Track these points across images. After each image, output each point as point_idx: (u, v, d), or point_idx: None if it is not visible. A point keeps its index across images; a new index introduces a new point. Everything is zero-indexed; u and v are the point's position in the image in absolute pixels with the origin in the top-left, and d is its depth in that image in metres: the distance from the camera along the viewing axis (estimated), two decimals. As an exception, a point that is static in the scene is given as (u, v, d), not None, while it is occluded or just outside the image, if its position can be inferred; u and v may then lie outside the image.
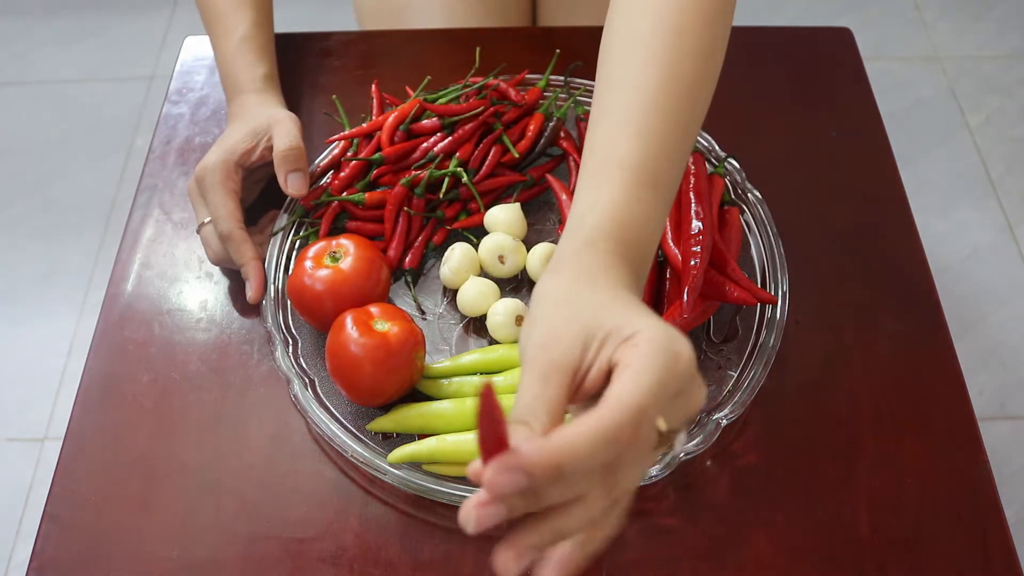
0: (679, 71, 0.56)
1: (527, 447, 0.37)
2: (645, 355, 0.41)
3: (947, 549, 0.62)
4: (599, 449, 0.38)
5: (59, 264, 1.68)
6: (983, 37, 2.01)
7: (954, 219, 1.71)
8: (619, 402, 0.39)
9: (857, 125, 0.86)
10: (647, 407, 0.40)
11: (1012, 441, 1.45)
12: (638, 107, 0.55)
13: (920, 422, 0.67)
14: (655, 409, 0.40)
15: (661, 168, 0.54)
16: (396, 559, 0.61)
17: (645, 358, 0.41)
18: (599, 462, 0.39)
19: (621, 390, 0.40)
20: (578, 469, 0.38)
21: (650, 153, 0.53)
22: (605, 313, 0.44)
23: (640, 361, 0.41)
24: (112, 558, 0.62)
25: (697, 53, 0.57)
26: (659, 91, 0.55)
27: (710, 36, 0.58)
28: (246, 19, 0.83)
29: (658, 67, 0.56)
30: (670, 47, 0.56)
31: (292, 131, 0.75)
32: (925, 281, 0.75)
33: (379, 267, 0.69)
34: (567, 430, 0.38)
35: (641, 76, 0.56)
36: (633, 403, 0.39)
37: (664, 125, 0.54)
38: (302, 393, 0.65)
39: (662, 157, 0.54)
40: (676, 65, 0.56)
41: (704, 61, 0.57)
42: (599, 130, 0.56)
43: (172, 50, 1.97)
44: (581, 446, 0.38)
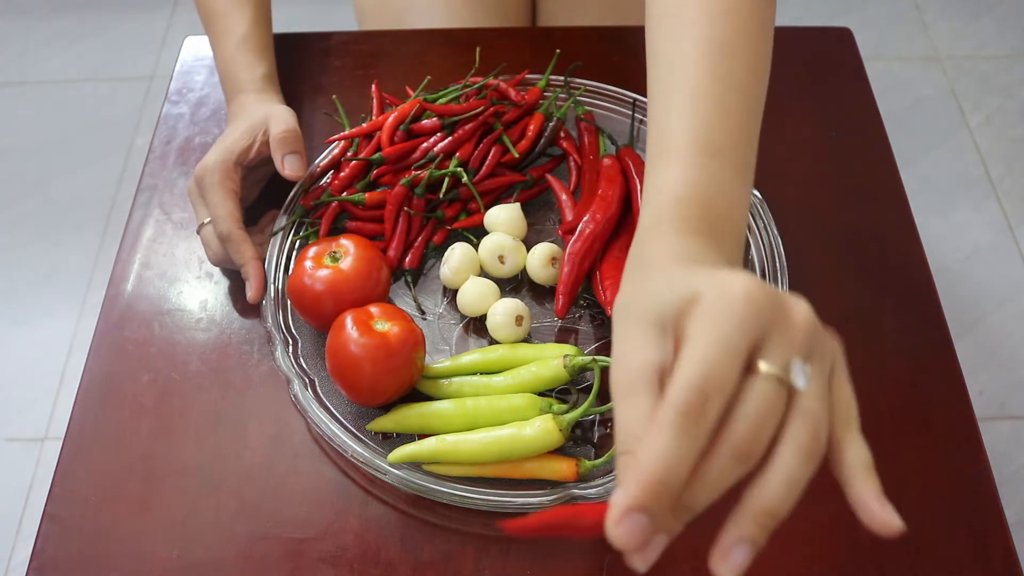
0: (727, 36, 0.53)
1: (623, 494, 0.35)
2: (699, 316, 0.38)
3: (947, 549, 0.62)
4: (681, 437, 0.35)
5: (59, 264, 1.68)
6: (983, 37, 2.01)
7: (954, 219, 1.71)
8: (677, 380, 0.36)
9: (857, 125, 0.86)
10: (714, 362, 0.36)
11: (1012, 441, 1.45)
12: (683, 77, 0.52)
13: (920, 422, 0.67)
14: (727, 360, 0.36)
15: (717, 133, 0.50)
16: (396, 559, 0.61)
17: (699, 320, 0.38)
18: (693, 441, 0.36)
19: (681, 364, 0.37)
20: (678, 466, 0.35)
21: (702, 121, 0.50)
22: (670, 288, 0.40)
23: (695, 326, 0.37)
24: (112, 558, 0.62)
25: (739, 10, 0.54)
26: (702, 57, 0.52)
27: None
28: (245, 19, 0.83)
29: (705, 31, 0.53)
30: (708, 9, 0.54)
31: (287, 118, 0.75)
32: (925, 281, 0.75)
33: (379, 267, 0.69)
34: (648, 443, 0.36)
35: (681, 44, 0.53)
36: (693, 373, 0.36)
37: (714, 88, 0.52)
38: (302, 393, 0.65)
39: (716, 122, 0.51)
40: (717, 26, 0.53)
41: (759, 26, 0.55)
42: (651, 112, 0.54)
43: (172, 50, 1.97)
44: (663, 449, 0.35)
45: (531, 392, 0.65)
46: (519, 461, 0.62)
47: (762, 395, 0.37)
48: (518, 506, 0.61)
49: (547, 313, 0.73)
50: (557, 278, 0.72)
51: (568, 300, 0.70)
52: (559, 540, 0.34)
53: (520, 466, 0.63)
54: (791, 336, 0.38)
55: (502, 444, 0.62)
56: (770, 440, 0.37)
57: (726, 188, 0.50)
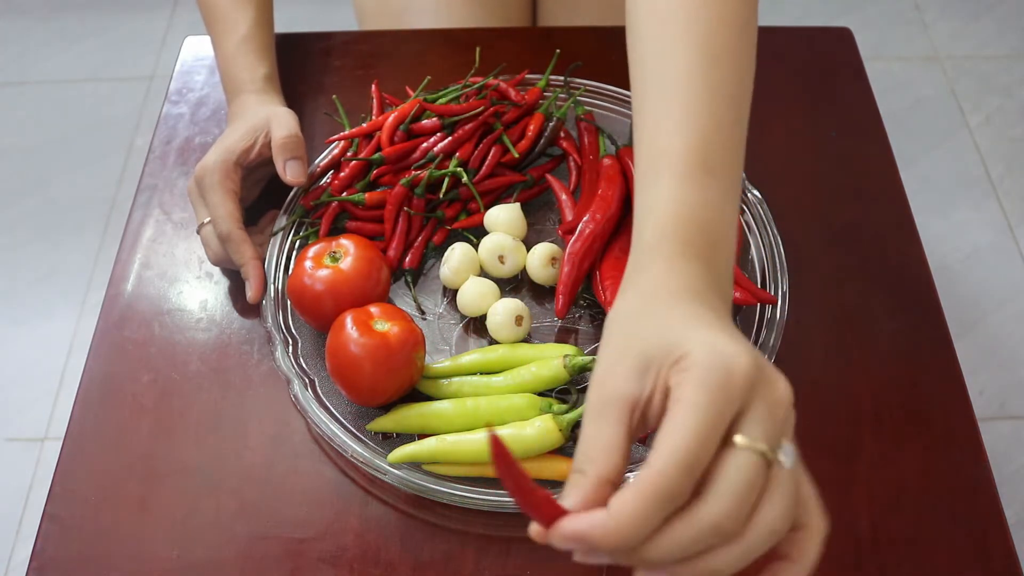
0: (713, 44, 0.52)
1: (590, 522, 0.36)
2: (691, 383, 0.38)
3: (947, 549, 0.62)
4: (657, 510, 0.36)
5: (59, 264, 1.68)
6: (983, 37, 2.01)
7: (954, 219, 1.71)
8: (665, 454, 0.36)
9: (857, 125, 0.86)
10: (702, 439, 0.36)
11: (1012, 441, 1.45)
12: (675, 90, 0.51)
13: (920, 422, 0.67)
14: (713, 436, 0.37)
15: (713, 149, 0.50)
16: (396, 559, 0.61)
17: (691, 387, 0.37)
18: (663, 516, 0.36)
19: (667, 436, 0.37)
20: (643, 533, 0.36)
21: (697, 136, 0.49)
22: (663, 331, 0.41)
23: (687, 392, 0.37)
24: (112, 558, 0.62)
25: (730, 23, 0.53)
26: (694, 68, 0.51)
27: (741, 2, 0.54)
28: (247, 18, 0.83)
29: (689, 42, 0.52)
30: (698, 20, 0.53)
31: (290, 122, 0.75)
32: (925, 281, 0.75)
33: (379, 267, 0.69)
34: (619, 498, 0.36)
35: (672, 58, 0.52)
36: (680, 451, 0.36)
37: (707, 104, 0.50)
38: (302, 393, 0.65)
39: (711, 137, 0.50)
40: (709, 38, 0.52)
41: (739, 31, 0.54)
42: (640, 125, 0.52)
43: (172, 50, 1.97)
44: (636, 515, 0.36)
45: (531, 392, 0.66)
46: (519, 461, 0.62)
47: (746, 471, 0.37)
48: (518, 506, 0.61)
49: (547, 313, 0.73)
50: (557, 278, 0.72)
51: (568, 300, 0.70)
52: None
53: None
54: (775, 413, 0.39)
55: None
56: (747, 515, 0.37)
57: (721, 207, 0.49)
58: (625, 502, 0.36)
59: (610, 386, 0.40)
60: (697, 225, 0.47)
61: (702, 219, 0.48)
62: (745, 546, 0.37)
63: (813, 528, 0.40)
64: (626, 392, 0.40)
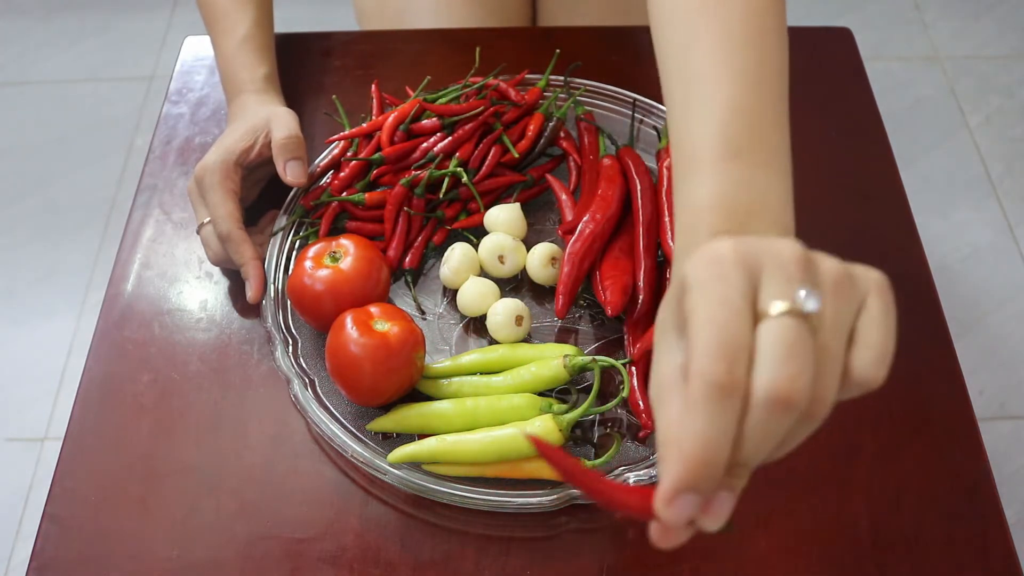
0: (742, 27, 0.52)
1: (668, 478, 0.35)
2: (690, 296, 0.37)
3: (947, 549, 0.62)
4: (716, 408, 0.34)
5: (59, 264, 1.68)
6: (983, 37, 2.01)
7: (954, 219, 1.71)
8: (694, 354, 0.35)
9: (857, 125, 0.86)
10: (723, 327, 0.35)
11: (1012, 441, 1.45)
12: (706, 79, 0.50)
13: (920, 422, 0.67)
14: (732, 316, 0.35)
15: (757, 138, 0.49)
16: (396, 559, 0.61)
17: (690, 300, 0.37)
18: (722, 414, 0.35)
19: (690, 337, 0.36)
20: (720, 440, 0.35)
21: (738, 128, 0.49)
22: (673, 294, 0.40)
23: (688, 306, 0.37)
24: (112, 558, 0.62)
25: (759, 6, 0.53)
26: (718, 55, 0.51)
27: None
28: (247, 18, 0.82)
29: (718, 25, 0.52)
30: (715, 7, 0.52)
31: (290, 123, 0.75)
32: (925, 281, 0.75)
33: (379, 267, 0.69)
34: (673, 423, 0.36)
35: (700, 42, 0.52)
36: (704, 338, 0.35)
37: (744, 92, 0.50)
38: (302, 393, 0.65)
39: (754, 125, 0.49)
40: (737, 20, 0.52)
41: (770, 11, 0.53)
42: (675, 115, 0.52)
43: (172, 50, 1.97)
44: (698, 425, 0.34)
45: (531, 392, 0.66)
46: (519, 461, 0.62)
47: (778, 334, 0.35)
48: (518, 506, 0.61)
49: (547, 313, 0.73)
50: (557, 278, 0.72)
51: (568, 300, 0.70)
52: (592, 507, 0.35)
53: (520, 466, 0.63)
54: (785, 271, 0.37)
55: (502, 444, 0.62)
56: (811, 377, 0.35)
57: (776, 184, 0.49)
58: (686, 423, 0.35)
59: (661, 368, 0.39)
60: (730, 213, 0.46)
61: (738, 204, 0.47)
62: (820, 399, 0.36)
63: (872, 308, 0.39)
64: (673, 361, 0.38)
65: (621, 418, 0.67)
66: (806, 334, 0.35)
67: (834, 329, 0.37)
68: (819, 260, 0.38)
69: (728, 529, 0.37)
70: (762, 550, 0.62)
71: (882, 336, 0.39)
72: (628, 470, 0.62)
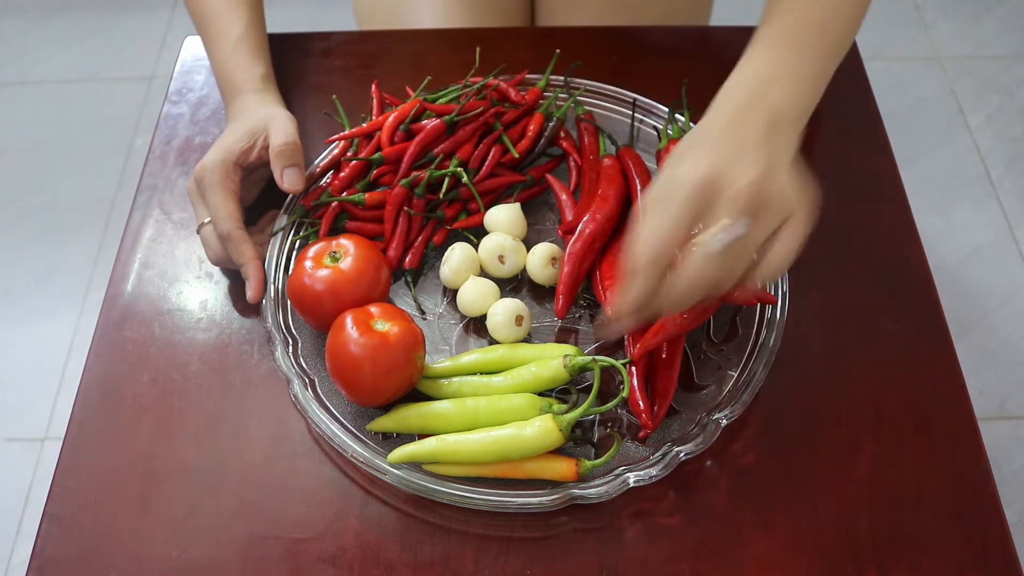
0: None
1: (619, 302, 0.58)
2: (647, 199, 0.58)
3: (947, 549, 0.62)
4: (642, 281, 0.56)
5: (59, 264, 1.68)
6: (983, 37, 2.01)
7: (954, 219, 1.71)
8: (633, 252, 0.56)
9: (857, 125, 0.86)
10: (652, 246, 0.55)
11: (1012, 441, 1.45)
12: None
13: (920, 422, 0.67)
14: (664, 240, 0.55)
15: (808, 31, 0.65)
16: (396, 559, 0.61)
17: (647, 201, 0.58)
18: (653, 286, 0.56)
19: (637, 237, 0.57)
20: (646, 295, 0.56)
21: (793, 20, 0.65)
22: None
23: (645, 205, 0.58)
24: (112, 558, 0.62)
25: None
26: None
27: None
28: (241, 20, 0.82)
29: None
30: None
31: (288, 128, 0.75)
32: (925, 281, 0.75)
33: (379, 267, 0.69)
34: (630, 280, 0.57)
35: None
36: (638, 249, 0.56)
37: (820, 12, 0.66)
38: (302, 393, 0.65)
39: (807, 22, 0.65)
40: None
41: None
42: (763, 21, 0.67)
43: (172, 50, 1.98)
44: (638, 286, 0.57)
45: (531, 392, 0.65)
46: (519, 461, 0.62)
47: (692, 265, 0.55)
48: (518, 506, 0.61)
49: (547, 313, 0.73)
50: (557, 278, 0.72)
51: (568, 300, 0.70)
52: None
53: (520, 466, 0.63)
54: (735, 204, 0.54)
55: (502, 444, 0.62)
56: (714, 281, 0.56)
57: (786, 66, 0.63)
58: (630, 280, 0.57)
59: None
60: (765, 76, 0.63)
61: (767, 73, 0.63)
62: (670, 295, 0.57)
63: (782, 237, 0.57)
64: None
65: (621, 418, 0.67)
66: (713, 258, 0.55)
67: (749, 244, 0.55)
68: (758, 188, 0.55)
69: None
70: (762, 550, 0.62)
71: (779, 260, 0.56)
72: (628, 470, 0.62)
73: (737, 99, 0.61)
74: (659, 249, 0.55)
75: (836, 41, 0.68)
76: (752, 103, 0.61)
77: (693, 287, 0.55)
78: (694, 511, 0.63)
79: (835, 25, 0.67)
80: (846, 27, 0.69)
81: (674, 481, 0.64)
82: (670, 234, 0.55)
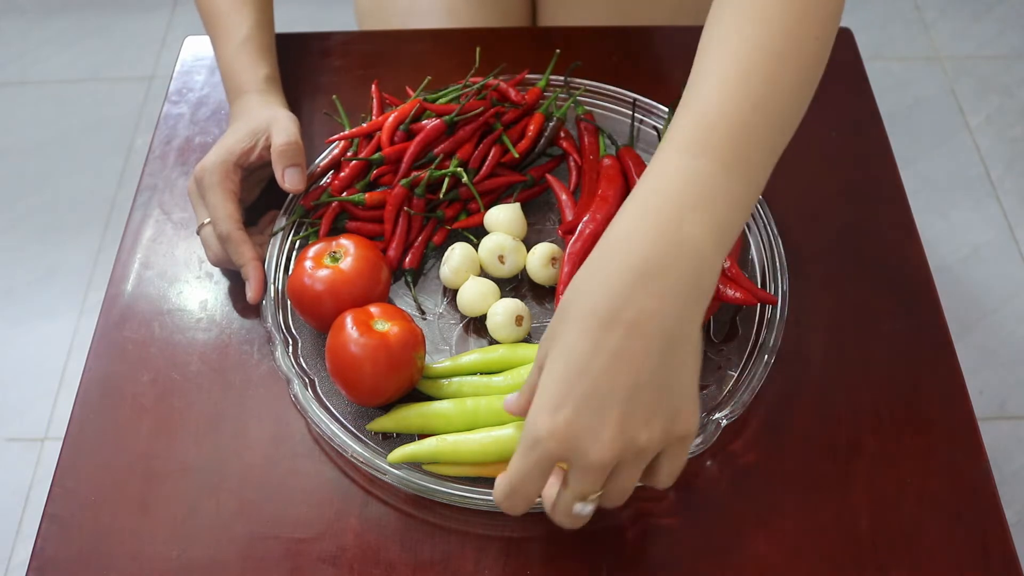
0: (779, 43, 0.57)
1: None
2: (519, 439, 0.54)
3: (947, 549, 0.62)
4: (510, 499, 0.54)
5: (59, 264, 1.68)
6: (983, 37, 2.01)
7: (954, 219, 1.71)
8: (498, 482, 0.56)
9: (857, 125, 0.86)
10: (514, 484, 0.53)
11: (1012, 441, 1.45)
12: (719, 73, 0.56)
13: (920, 422, 0.67)
14: (530, 482, 0.53)
15: (732, 138, 0.54)
16: (396, 559, 0.61)
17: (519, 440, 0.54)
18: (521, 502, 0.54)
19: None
20: (513, 501, 0.55)
21: (745, 120, 0.55)
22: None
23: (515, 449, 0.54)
24: (112, 558, 0.62)
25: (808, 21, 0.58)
26: (744, 58, 0.56)
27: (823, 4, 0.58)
28: (247, 20, 0.82)
29: (754, 34, 0.56)
30: (776, 14, 0.57)
31: (290, 128, 0.75)
32: (925, 281, 0.75)
33: (379, 267, 0.69)
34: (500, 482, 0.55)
35: (739, 37, 0.56)
36: (503, 484, 0.55)
37: (765, 88, 0.56)
38: (302, 393, 0.65)
39: (739, 128, 0.55)
40: (773, 38, 0.57)
41: (810, 38, 0.58)
42: (694, 91, 0.56)
43: (172, 50, 1.98)
44: (500, 493, 0.55)
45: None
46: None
47: (560, 513, 0.54)
48: (518, 506, 0.61)
49: (547, 313, 0.73)
50: (557, 278, 0.72)
51: (568, 300, 0.70)
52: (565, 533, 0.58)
53: (520, 466, 0.62)
54: (581, 481, 0.51)
55: (502, 444, 0.62)
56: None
57: (716, 185, 0.54)
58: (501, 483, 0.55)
59: None
60: (692, 198, 0.53)
61: (725, 210, 0.54)
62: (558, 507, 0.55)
63: (664, 459, 0.54)
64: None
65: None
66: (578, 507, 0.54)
67: (615, 492, 0.54)
68: (620, 449, 0.51)
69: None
70: (762, 550, 0.62)
71: (664, 481, 0.54)
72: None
73: (634, 256, 0.50)
74: (514, 490, 0.53)
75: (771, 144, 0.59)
76: (659, 259, 0.50)
77: (571, 522, 0.55)
78: (694, 511, 0.63)
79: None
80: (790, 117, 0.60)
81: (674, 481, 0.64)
82: (520, 483, 0.53)
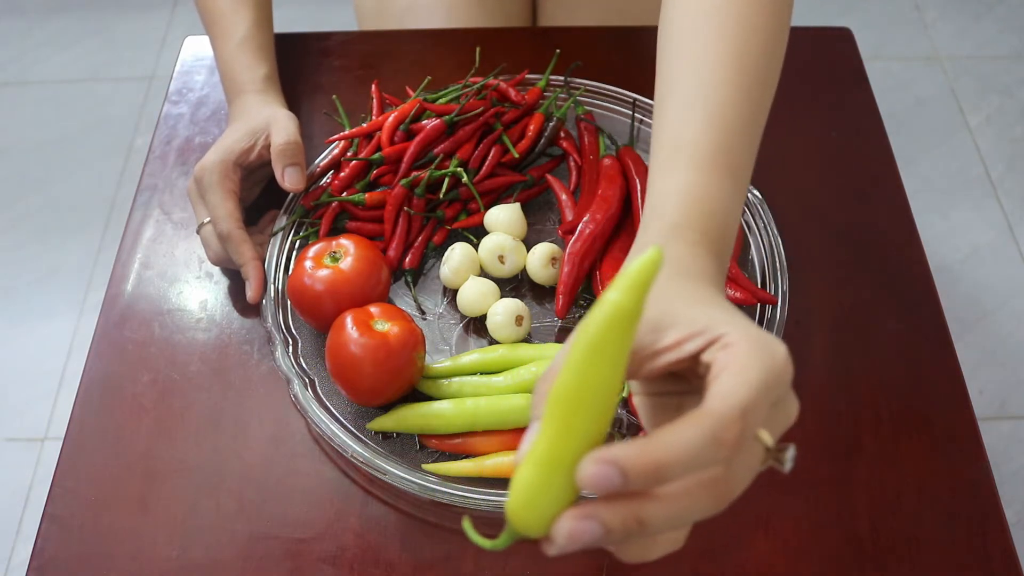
0: (748, 46, 0.54)
1: (621, 449, 0.33)
2: (745, 355, 0.37)
3: (947, 549, 0.62)
4: (703, 448, 0.33)
5: (59, 264, 1.68)
6: (983, 37, 2.01)
7: (954, 219, 1.71)
8: (724, 399, 0.35)
9: (857, 125, 0.86)
10: (754, 405, 0.35)
11: (1012, 441, 1.45)
12: (707, 85, 0.53)
13: (920, 422, 0.67)
14: (761, 410, 0.36)
15: (736, 151, 0.52)
16: (396, 559, 0.61)
17: (745, 358, 0.37)
18: (701, 464, 0.34)
19: (725, 387, 0.35)
20: (679, 470, 0.33)
21: (724, 135, 0.51)
22: (690, 307, 0.41)
23: (740, 361, 0.37)
24: (112, 558, 0.62)
25: (766, 27, 0.55)
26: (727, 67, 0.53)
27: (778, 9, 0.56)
28: (246, 19, 0.83)
29: (726, 42, 0.54)
30: (738, 22, 0.54)
31: (290, 127, 0.75)
32: (925, 281, 0.75)
33: (379, 267, 0.69)
34: (669, 428, 0.34)
35: (707, 52, 0.54)
36: (739, 399, 0.35)
37: (736, 105, 0.52)
38: (302, 393, 0.65)
39: (736, 139, 0.52)
40: (745, 40, 0.54)
41: (773, 35, 0.56)
42: (668, 112, 0.54)
43: (172, 50, 1.98)
44: (684, 443, 0.33)
45: (531, 392, 0.65)
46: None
47: (752, 460, 0.36)
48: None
49: (547, 313, 0.73)
50: (557, 278, 0.72)
51: (568, 300, 0.70)
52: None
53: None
54: (787, 422, 0.39)
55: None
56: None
57: (734, 209, 0.51)
58: (670, 428, 0.34)
59: None
60: (715, 221, 0.49)
61: (719, 215, 0.49)
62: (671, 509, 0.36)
63: None
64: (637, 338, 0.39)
65: (621, 418, 0.67)
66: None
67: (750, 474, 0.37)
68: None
69: None
70: (762, 550, 0.62)
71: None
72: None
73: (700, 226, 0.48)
74: (744, 426, 0.35)
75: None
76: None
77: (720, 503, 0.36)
78: (694, 511, 0.63)
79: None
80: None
81: (674, 481, 0.64)
82: (759, 414, 0.36)
